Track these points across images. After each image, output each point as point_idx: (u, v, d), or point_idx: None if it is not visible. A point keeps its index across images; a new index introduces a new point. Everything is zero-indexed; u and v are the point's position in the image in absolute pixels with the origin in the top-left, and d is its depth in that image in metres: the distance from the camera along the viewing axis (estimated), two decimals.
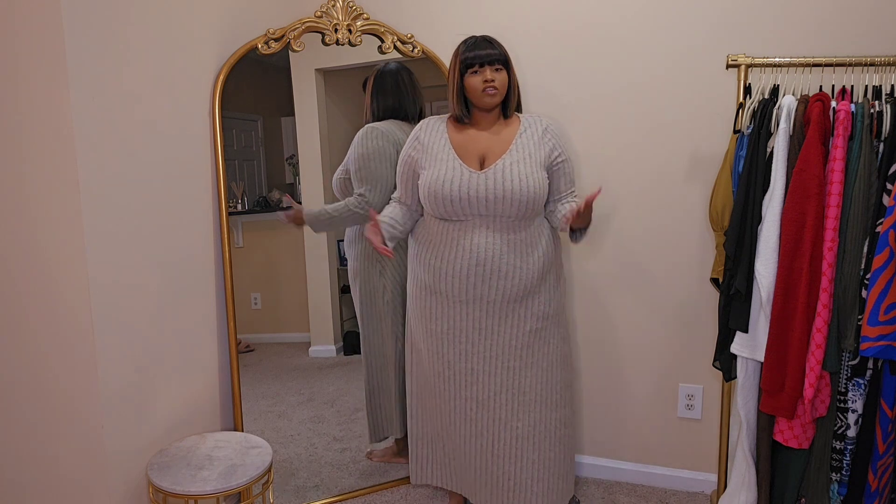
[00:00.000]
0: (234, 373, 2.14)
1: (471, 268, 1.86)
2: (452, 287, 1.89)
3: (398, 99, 2.26)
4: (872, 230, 1.70)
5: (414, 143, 1.97)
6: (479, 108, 1.90)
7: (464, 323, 1.92)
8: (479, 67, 1.84)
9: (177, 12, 1.92)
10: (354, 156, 2.20)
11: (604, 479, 2.45)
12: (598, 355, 2.41)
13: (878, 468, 1.77)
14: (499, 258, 1.86)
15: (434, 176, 1.87)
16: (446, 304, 1.92)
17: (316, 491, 2.30)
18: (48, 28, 1.58)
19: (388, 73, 2.27)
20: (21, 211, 1.70)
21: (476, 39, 1.88)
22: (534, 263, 1.90)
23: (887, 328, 1.64)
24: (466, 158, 1.89)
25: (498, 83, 1.85)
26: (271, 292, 2.55)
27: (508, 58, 1.88)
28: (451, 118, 1.97)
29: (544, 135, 1.93)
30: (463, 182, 1.83)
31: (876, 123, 1.70)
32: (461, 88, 1.88)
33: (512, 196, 1.82)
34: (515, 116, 1.96)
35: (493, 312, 1.90)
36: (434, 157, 1.90)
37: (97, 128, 1.68)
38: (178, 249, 1.96)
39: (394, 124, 2.24)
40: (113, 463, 1.76)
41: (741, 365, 1.89)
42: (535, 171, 1.86)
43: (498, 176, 1.83)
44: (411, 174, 1.97)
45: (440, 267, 1.90)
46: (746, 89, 1.91)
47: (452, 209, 1.85)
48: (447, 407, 1.99)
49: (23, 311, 1.75)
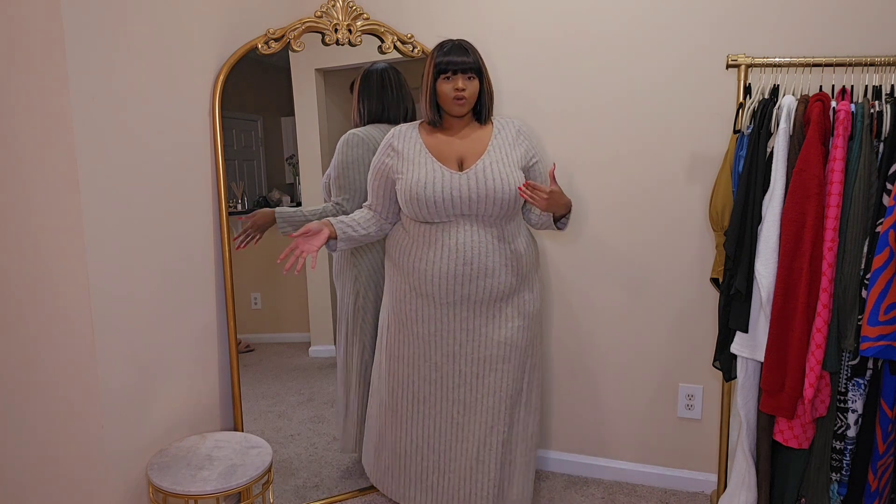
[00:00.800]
0: (234, 373, 2.14)
1: (457, 267, 1.86)
2: (439, 288, 1.89)
3: (382, 101, 2.24)
4: (872, 230, 1.70)
5: (387, 151, 1.95)
6: (449, 115, 1.91)
7: (451, 325, 1.91)
8: (452, 75, 1.84)
9: (177, 12, 1.92)
10: (335, 163, 2.20)
11: (604, 479, 2.45)
12: (598, 355, 2.41)
13: (878, 468, 1.77)
14: (485, 256, 1.86)
15: (414, 179, 1.86)
16: (432, 307, 1.91)
17: (316, 491, 2.30)
18: (48, 28, 1.58)
19: (374, 73, 2.25)
20: (21, 211, 1.70)
21: (451, 45, 1.86)
22: (517, 260, 1.92)
23: (887, 328, 1.64)
24: (445, 161, 1.89)
25: (468, 93, 1.85)
26: (271, 292, 2.55)
27: (482, 66, 1.88)
28: (422, 124, 1.97)
29: (518, 136, 1.96)
30: (445, 183, 1.84)
31: (876, 123, 1.70)
32: (433, 93, 1.88)
33: (494, 195, 1.83)
34: (488, 120, 1.97)
35: (480, 312, 1.90)
36: (411, 162, 1.90)
37: (97, 128, 1.68)
38: (178, 249, 1.96)
39: (376, 129, 2.22)
40: (113, 463, 1.76)
41: (741, 365, 1.89)
42: (513, 171, 1.88)
43: (479, 176, 1.84)
44: (383, 181, 1.96)
45: (425, 269, 1.89)
46: (746, 89, 1.91)
47: (435, 210, 1.85)
48: (432, 412, 1.96)
49: (23, 312, 1.75)
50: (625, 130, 2.26)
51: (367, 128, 2.22)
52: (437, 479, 1.99)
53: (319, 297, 2.53)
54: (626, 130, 2.26)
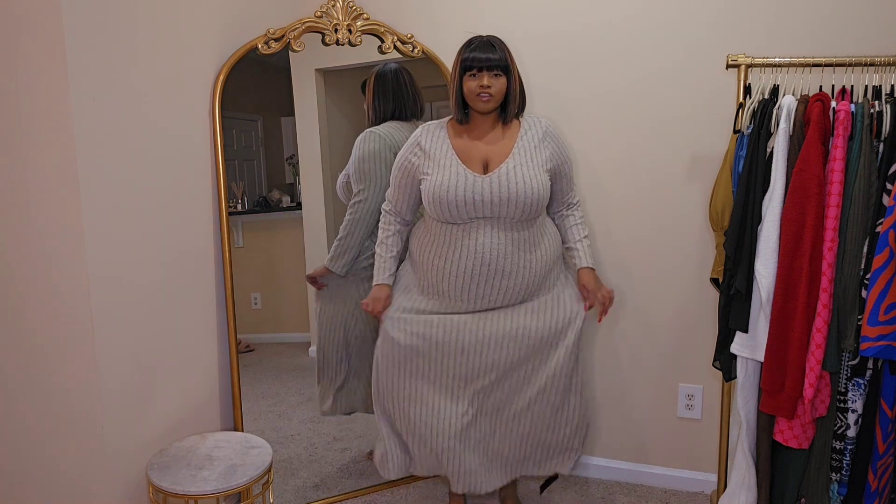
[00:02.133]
0: (234, 373, 2.14)
1: (475, 268, 1.86)
2: (455, 287, 1.89)
3: (399, 100, 2.26)
4: (872, 230, 1.70)
5: (414, 149, 1.94)
6: (476, 112, 1.90)
7: (465, 325, 1.91)
8: (478, 72, 1.82)
9: (177, 12, 1.92)
10: (353, 158, 2.22)
11: (603, 479, 2.45)
12: (598, 355, 2.41)
13: (878, 468, 1.77)
14: (503, 257, 1.86)
15: (438, 181, 1.85)
16: (447, 306, 1.92)
17: (316, 491, 2.30)
18: (48, 28, 1.58)
19: (389, 73, 2.27)
20: (21, 211, 1.70)
21: (479, 41, 1.84)
22: (536, 262, 1.90)
23: (887, 328, 1.64)
24: (469, 163, 1.88)
25: (494, 90, 1.82)
26: (271, 292, 2.55)
27: (510, 63, 1.85)
28: (450, 122, 1.97)
29: (544, 137, 1.93)
30: (468, 186, 1.83)
31: (876, 123, 1.70)
32: (460, 90, 1.87)
33: (517, 199, 1.82)
34: (515, 119, 1.95)
35: (495, 313, 1.90)
36: (437, 163, 1.89)
37: (97, 128, 1.68)
38: (179, 249, 1.96)
39: (393, 127, 2.24)
40: (113, 463, 1.77)
41: (741, 365, 1.89)
42: (537, 174, 1.86)
43: (503, 179, 1.83)
44: (409, 180, 1.96)
45: (444, 267, 1.89)
46: (746, 89, 1.91)
47: (458, 213, 1.84)
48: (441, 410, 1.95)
49: (23, 311, 1.75)
50: (624, 131, 2.26)
51: (384, 125, 2.24)
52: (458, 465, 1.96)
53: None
54: (625, 131, 2.26)
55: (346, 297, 2.32)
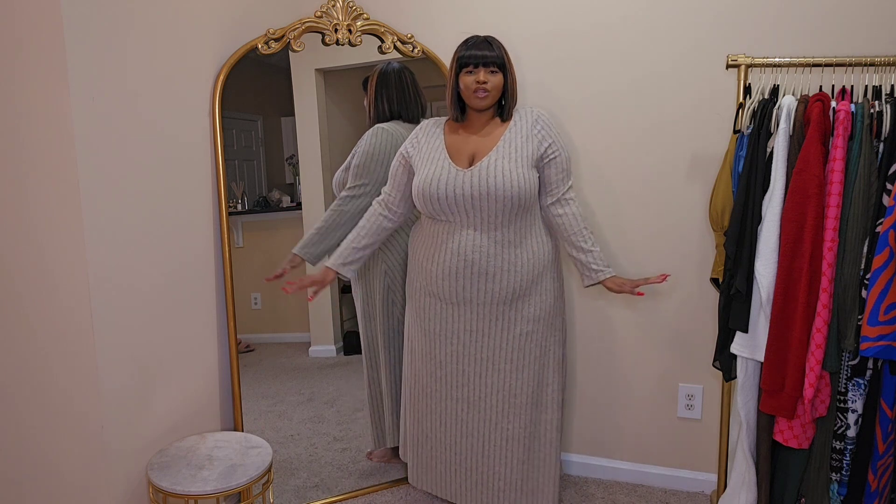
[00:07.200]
0: (234, 373, 2.14)
1: (459, 269, 1.87)
2: (443, 288, 1.91)
3: (402, 99, 2.27)
4: (872, 230, 1.70)
5: (412, 141, 1.99)
6: (472, 109, 1.91)
7: (456, 325, 1.93)
8: (474, 68, 1.84)
9: (177, 12, 1.92)
10: (359, 151, 2.21)
11: (603, 479, 2.45)
12: (598, 355, 2.41)
13: (878, 468, 1.77)
14: (486, 259, 1.86)
15: (424, 175, 1.88)
16: (440, 305, 1.94)
17: (316, 491, 2.30)
18: (48, 28, 1.58)
19: (392, 72, 2.27)
20: (21, 211, 1.70)
21: (476, 39, 1.87)
22: (523, 265, 1.90)
23: (887, 328, 1.64)
24: (456, 158, 1.90)
25: (490, 85, 1.84)
26: (271, 292, 2.54)
27: (506, 61, 1.87)
28: (448, 120, 1.99)
29: (534, 126, 1.91)
30: (449, 180, 1.84)
31: (876, 123, 1.70)
32: (456, 86, 1.89)
33: (496, 193, 1.81)
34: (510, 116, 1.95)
35: (483, 314, 1.91)
36: (427, 158, 1.92)
37: (97, 128, 1.68)
38: (178, 249, 1.96)
39: (398, 125, 2.25)
40: (113, 463, 1.77)
41: (741, 365, 1.89)
42: (519, 168, 1.84)
43: (482, 173, 1.83)
44: (401, 170, 2.00)
45: (431, 269, 1.92)
46: (746, 89, 1.91)
47: (440, 207, 1.86)
48: (438, 407, 2.00)
49: (23, 311, 1.75)
50: (624, 130, 2.26)
51: (391, 123, 2.24)
52: (444, 469, 2.04)
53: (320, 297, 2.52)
54: (625, 130, 2.26)
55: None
